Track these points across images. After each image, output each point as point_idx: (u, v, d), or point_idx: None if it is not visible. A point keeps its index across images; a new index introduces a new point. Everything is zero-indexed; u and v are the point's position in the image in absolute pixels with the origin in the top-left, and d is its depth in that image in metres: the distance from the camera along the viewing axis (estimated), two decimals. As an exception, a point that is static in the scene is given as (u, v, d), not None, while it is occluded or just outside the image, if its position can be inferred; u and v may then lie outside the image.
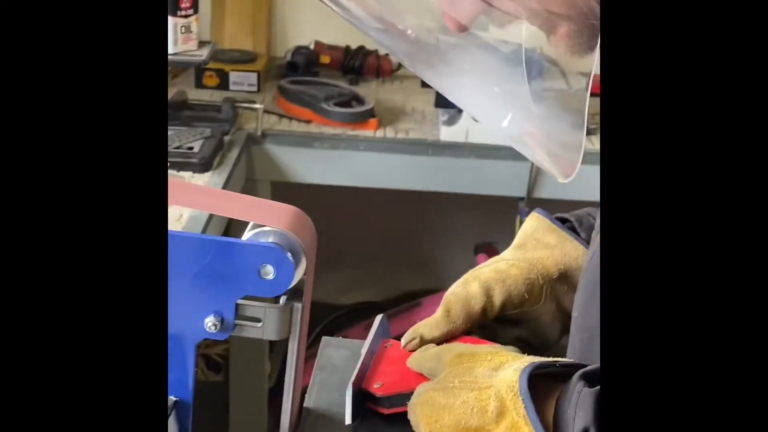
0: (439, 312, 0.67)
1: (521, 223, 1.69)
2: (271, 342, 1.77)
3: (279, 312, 0.58)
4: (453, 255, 2.16)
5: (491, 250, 1.82)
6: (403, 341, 0.66)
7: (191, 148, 1.41)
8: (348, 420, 0.60)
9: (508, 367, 0.54)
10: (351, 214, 2.09)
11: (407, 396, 0.60)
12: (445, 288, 0.71)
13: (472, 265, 0.72)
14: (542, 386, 0.53)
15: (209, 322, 0.57)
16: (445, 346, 0.62)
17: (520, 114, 0.53)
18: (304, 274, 0.59)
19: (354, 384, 0.62)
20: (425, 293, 2.04)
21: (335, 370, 0.69)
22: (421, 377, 0.61)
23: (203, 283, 0.56)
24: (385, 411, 0.61)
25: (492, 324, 0.69)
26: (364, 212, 2.13)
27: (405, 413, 0.59)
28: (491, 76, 0.53)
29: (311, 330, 0.62)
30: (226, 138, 1.51)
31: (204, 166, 1.37)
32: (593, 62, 0.44)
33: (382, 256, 2.20)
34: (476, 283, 0.67)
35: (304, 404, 0.65)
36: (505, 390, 0.52)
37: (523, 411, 0.51)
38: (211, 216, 1.19)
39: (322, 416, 0.64)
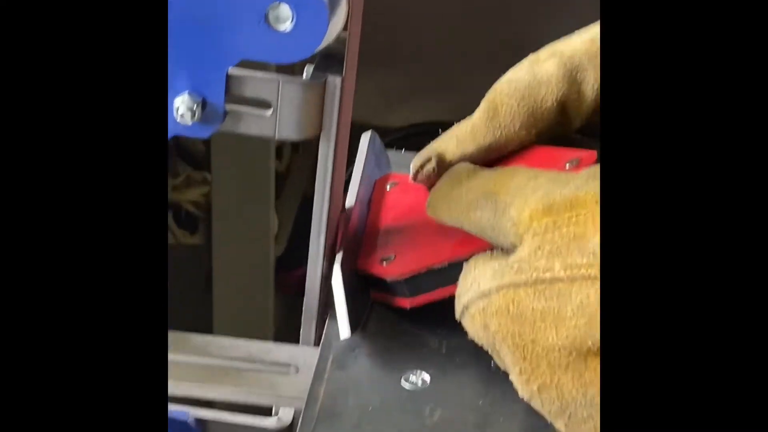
0: (478, 111, 0.52)
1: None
2: (278, 183, 1.60)
3: (301, 90, 0.46)
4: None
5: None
6: (412, 168, 0.52)
7: None
8: (345, 333, 0.47)
9: None
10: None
11: (442, 273, 0.46)
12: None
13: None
14: None
15: (181, 104, 0.46)
16: (497, 173, 0.47)
17: None
18: (345, 28, 0.48)
19: (344, 264, 0.47)
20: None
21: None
22: (463, 234, 0.46)
23: (171, 39, 0.45)
24: (408, 303, 0.48)
25: (577, 137, 0.55)
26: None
27: (438, 303, 0.46)
28: None
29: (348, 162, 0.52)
30: None
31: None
32: None
33: (447, 58, 2.12)
34: (553, 62, 0.52)
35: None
36: None
37: None
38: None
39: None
